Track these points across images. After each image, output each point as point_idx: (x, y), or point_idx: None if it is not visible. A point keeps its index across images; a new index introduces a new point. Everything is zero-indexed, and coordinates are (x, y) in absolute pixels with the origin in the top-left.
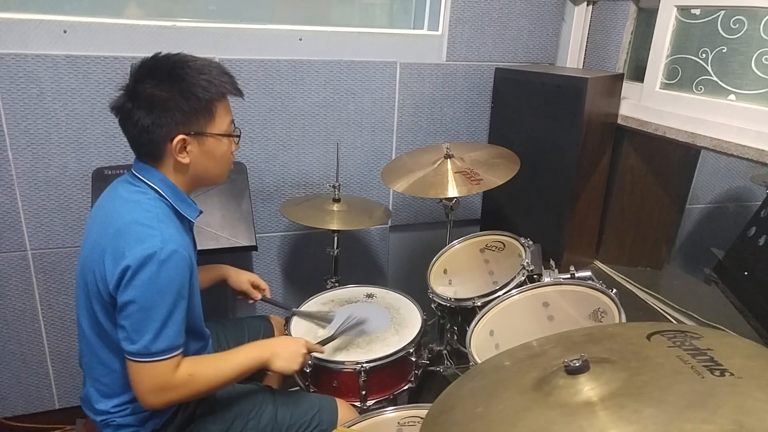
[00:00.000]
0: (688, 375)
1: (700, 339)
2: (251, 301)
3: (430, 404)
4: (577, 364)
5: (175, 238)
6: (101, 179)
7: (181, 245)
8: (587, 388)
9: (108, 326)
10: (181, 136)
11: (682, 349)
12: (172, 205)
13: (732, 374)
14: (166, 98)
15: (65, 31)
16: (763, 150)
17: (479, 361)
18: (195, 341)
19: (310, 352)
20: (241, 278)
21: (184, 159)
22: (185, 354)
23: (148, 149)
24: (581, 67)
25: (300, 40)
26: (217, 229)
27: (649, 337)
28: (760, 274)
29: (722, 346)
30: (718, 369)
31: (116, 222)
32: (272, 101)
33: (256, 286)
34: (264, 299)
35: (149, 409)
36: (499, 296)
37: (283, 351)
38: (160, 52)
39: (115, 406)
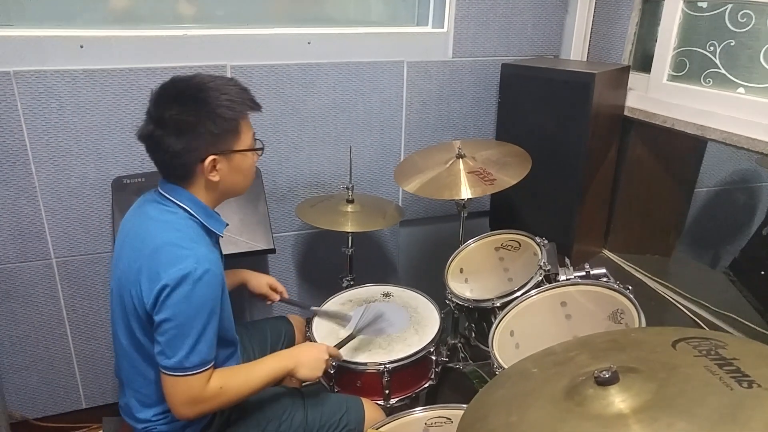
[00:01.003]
0: (717, 387)
1: (726, 348)
2: (269, 303)
3: (456, 404)
4: (607, 376)
5: (208, 257)
6: (120, 188)
7: (214, 263)
8: (618, 399)
9: (145, 342)
10: (211, 157)
11: (709, 358)
12: (201, 222)
13: (759, 385)
14: (194, 122)
15: (82, 46)
16: None
17: (504, 365)
18: (225, 348)
19: (331, 356)
20: (260, 281)
21: (215, 177)
22: (216, 361)
23: (180, 172)
24: (585, 59)
25: (309, 43)
26: (236, 233)
27: (674, 344)
28: None
29: (747, 355)
30: (746, 380)
31: (150, 243)
32: (283, 105)
33: (273, 289)
34: (282, 300)
35: (182, 419)
36: (517, 297)
37: (306, 359)
38: (176, 77)
39: (156, 414)
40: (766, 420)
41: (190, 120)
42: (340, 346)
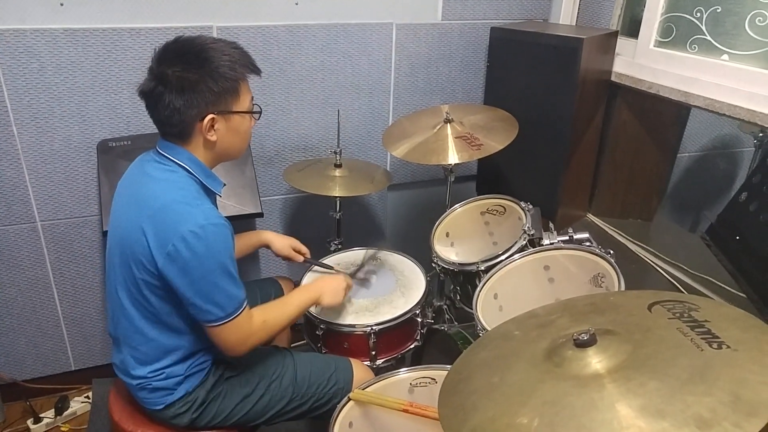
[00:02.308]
0: (689, 348)
1: (698, 310)
2: (293, 262)
3: (440, 365)
4: (585, 338)
5: (214, 211)
6: (106, 151)
7: (220, 216)
8: (595, 360)
9: (152, 299)
10: (211, 116)
11: (682, 321)
12: (200, 181)
13: (728, 347)
14: (196, 80)
15: (62, 4)
16: (754, 110)
17: (487, 327)
18: None
19: (348, 286)
20: (283, 243)
21: (212, 137)
22: None
23: (179, 129)
24: (575, 23)
25: (296, 4)
26: (224, 197)
27: (649, 308)
28: (751, 240)
29: (718, 317)
30: (716, 342)
31: (153, 203)
32: (270, 67)
33: (297, 250)
34: (306, 261)
35: (237, 356)
36: (502, 260)
37: (329, 288)
38: (180, 36)
39: (151, 371)
40: (733, 379)
41: (191, 77)
42: (352, 275)
